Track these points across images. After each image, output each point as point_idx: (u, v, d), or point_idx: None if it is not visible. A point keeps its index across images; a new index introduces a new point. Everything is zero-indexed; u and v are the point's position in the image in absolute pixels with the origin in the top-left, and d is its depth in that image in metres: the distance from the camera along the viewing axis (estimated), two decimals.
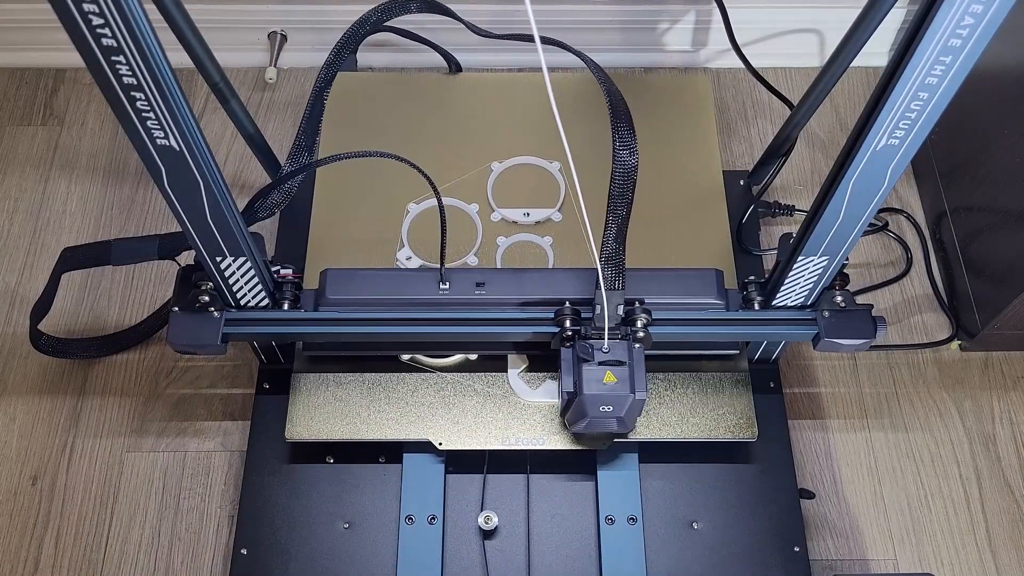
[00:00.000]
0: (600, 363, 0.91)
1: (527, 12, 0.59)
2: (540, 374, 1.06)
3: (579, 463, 1.06)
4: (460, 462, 1.06)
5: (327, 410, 1.04)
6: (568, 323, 0.94)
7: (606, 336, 0.92)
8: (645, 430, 1.03)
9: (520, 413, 1.04)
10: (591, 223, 0.85)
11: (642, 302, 0.95)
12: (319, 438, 1.03)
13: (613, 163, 0.82)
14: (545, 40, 0.85)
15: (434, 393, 1.05)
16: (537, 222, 1.13)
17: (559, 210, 1.14)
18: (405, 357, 1.06)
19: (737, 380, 1.06)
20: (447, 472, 1.05)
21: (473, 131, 1.20)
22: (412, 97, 1.23)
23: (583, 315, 0.95)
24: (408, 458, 1.06)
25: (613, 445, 1.03)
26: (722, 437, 1.03)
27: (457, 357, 1.07)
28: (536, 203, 1.14)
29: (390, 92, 1.23)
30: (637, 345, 0.93)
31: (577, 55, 0.95)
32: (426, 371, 1.06)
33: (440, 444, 1.02)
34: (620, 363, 0.91)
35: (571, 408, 0.95)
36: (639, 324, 0.93)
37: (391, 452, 1.07)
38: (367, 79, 1.27)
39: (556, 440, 1.02)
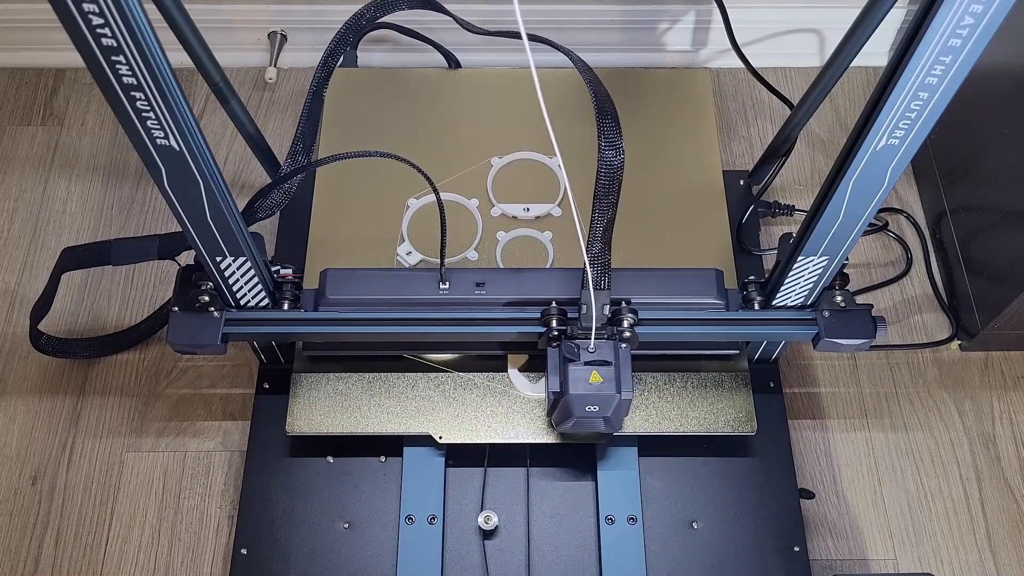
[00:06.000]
0: (586, 363, 0.91)
1: (515, 11, 0.59)
2: (540, 367, 1.06)
3: (578, 457, 1.06)
4: (460, 456, 1.06)
5: (328, 405, 1.04)
6: (554, 323, 0.94)
7: (592, 336, 0.92)
8: (644, 424, 1.03)
9: (520, 407, 1.04)
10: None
11: (628, 302, 0.95)
12: (320, 432, 1.03)
13: (599, 162, 0.82)
14: (532, 38, 0.85)
15: (434, 388, 1.05)
16: (537, 217, 1.13)
17: (559, 205, 1.14)
18: (406, 353, 1.07)
19: (737, 375, 1.06)
20: (447, 466, 1.06)
21: (473, 126, 1.20)
22: (412, 93, 1.23)
23: (569, 315, 0.95)
24: (408, 452, 1.06)
25: (613, 439, 1.03)
26: (721, 431, 1.03)
27: (457, 353, 1.07)
28: (536, 198, 1.14)
29: (390, 88, 1.23)
30: (624, 345, 0.92)
31: (564, 52, 0.95)
32: (426, 366, 1.06)
33: (440, 438, 1.02)
34: (606, 363, 0.91)
35: (558, 408, 0.95)
36: (625, 324, 0.93)
37: (391, 446, 1.07)
38: (366, 75, 1.27)
39: (556, 434, 1.03)
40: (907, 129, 0.76)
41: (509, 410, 1.04)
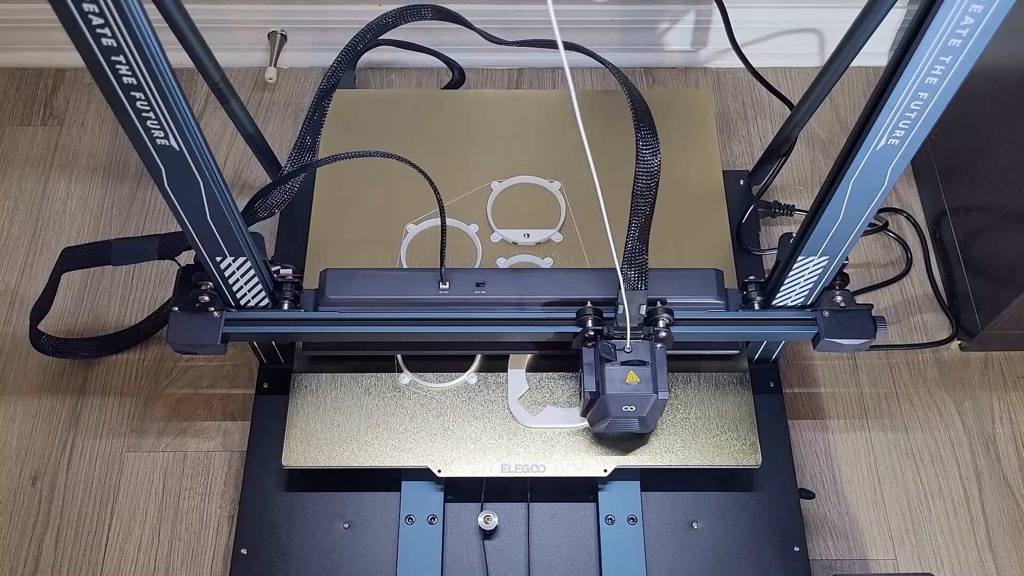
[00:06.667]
0: (623, 363, 0.91)
1: (550, 17, 0.59)
2: (541, 399, 1.04)
3: (580, 490, 1.05)
4: (459, 490, 1.05)
5: (324, 436, 1.02)
6: (590, 323, 0.94)
7: (628, 336, 0.92)
8: (647, 457, 1.02)
9: (520, 439, 1.02)
10: (593, 234, 0.85)
11: (664, 302, 0.95)
12: (316, 466, 1.01)
13: (636, 164, 0.83)
14: (568, 46, 0.85)
15: (433, 419, 1.03)
16: (537, 243, 1.12)
17: (559, 230, 1.13)
18: (404, 382, 1.05)
19: (740, 402, 1.04)
20: (446, 501, 1.04)
21: (473, 150, 1.19)
22: (411, 115, 1.22)
23: (605, 315, 0.95)
24: (407, 486, 1.05)
25: (614, 472, 1.01)
26: (725, 464, 1.02)
27: (456, 381, 1.06)
28: (536, 223, 1.13)
29: (389, 110, 1.23)
30: (659, 345, 0.92)
31: (598, 59, 0.95)
32: (426, 395, 1.05)
33: (439, 471, 1.01)
34: (643, 363, 0.91)
35: (593, 408, 0.95)
36: (661, 324, 0.93)
37: (389, 479, 1.05)
38: (366, 96, 1.26)
39: (557, 467, 1.01)
40: (907, 129, 0.76)
41: (510, 442, 1.02)
